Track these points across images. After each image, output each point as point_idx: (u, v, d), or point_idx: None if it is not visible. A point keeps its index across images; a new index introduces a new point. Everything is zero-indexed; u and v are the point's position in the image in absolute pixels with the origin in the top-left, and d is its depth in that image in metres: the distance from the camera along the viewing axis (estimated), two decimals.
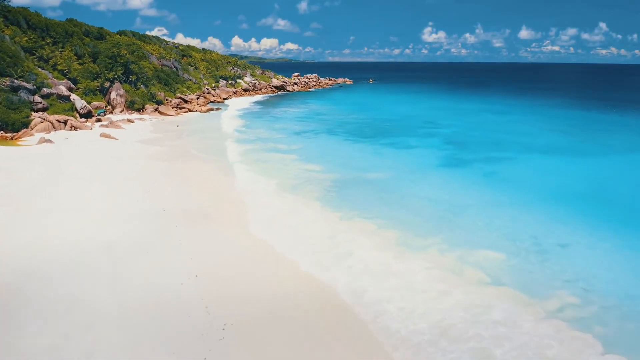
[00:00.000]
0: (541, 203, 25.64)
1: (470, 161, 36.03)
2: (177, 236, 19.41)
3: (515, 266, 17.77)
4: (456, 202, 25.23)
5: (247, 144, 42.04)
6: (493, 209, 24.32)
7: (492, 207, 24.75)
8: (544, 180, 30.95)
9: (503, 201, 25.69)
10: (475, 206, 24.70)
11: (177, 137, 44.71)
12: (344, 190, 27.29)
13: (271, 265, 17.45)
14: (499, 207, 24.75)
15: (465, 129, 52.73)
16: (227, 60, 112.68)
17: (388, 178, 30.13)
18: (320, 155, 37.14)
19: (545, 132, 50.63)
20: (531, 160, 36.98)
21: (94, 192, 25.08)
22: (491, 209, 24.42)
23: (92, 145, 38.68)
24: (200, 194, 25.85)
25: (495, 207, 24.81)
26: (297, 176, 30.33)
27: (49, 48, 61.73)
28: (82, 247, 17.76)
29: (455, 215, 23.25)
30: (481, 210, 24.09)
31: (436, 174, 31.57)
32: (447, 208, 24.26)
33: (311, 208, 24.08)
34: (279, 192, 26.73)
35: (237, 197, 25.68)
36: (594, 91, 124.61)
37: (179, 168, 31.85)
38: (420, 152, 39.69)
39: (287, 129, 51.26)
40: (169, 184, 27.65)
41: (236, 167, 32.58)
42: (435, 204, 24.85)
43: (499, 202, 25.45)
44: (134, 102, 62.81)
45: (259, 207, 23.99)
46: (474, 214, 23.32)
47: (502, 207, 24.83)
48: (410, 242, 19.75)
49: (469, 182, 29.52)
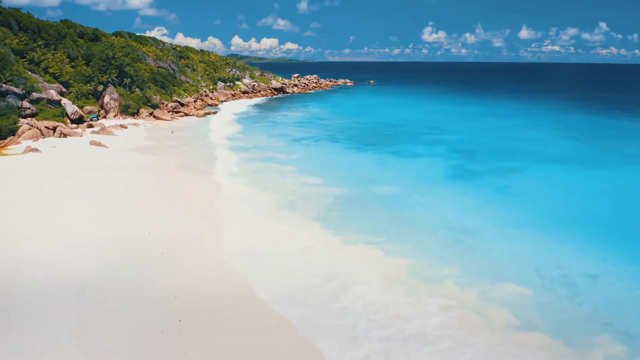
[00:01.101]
0: (561, 223, 23.58)
1: (481, 173, 33.95)
2: (161, 267, 17.33)
3: (545, 305, 15.69)
4: (470, 222, 23.15)
5: (243, 152, 39.96)
6: (511, 231, 22.25)
7: (509, 228, 22.68)
8: (560, 195, 28.88)
9: (520, 221, 23.59)
10: (490, 227, 22.62)
11: (171, 145, 42.62)
12: (347, 208, 25.20)
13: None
14: (517, 228, 22.68)
15: (472, 135, 50.66)
16: (225, 62, 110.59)
17: (395, 193, 28.04)
18: (321, 166, 35.07)
19: (556, 139, 48.57)
20: (544, 171, 34.90)
21: (74, 211, 22.97)
22: (509, 230, 22.34)
23: (80, 155, 36.59)
24: (190, 214, 23.76)
25: (513, 228, 22.74)
26: (295, 191, 28.25)
27: (40, 50, 59.66)
28: (52, 288, 15.62)
29: (471, 238, 21.17)
30: (498, 232, 22.01)
31: (445, 188, 29.50)
32: (461, 229, 22.19)
33: (310, 229, 21.96)
34: (275, 210, 24.63)
35: (229, 217, 23.51)
36: (598, 93, 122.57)
37: (170, 182, 29.76)
38: (427, 161, 37.61)
39: (286, 135, 49.18)
40: (158, 202, 25.56)
41: (230, 180, 30.48)
42: (447, 224, 22.77)
43: (516, 223, 23.36)
44: (128, 106, 60.72)
45: (251, 229, 21.85)
46: (491, 237, 21.24)
47: (519, 228, 22.75)
48: (423, 273, 17.66)
49: (482, 198, 27.43)
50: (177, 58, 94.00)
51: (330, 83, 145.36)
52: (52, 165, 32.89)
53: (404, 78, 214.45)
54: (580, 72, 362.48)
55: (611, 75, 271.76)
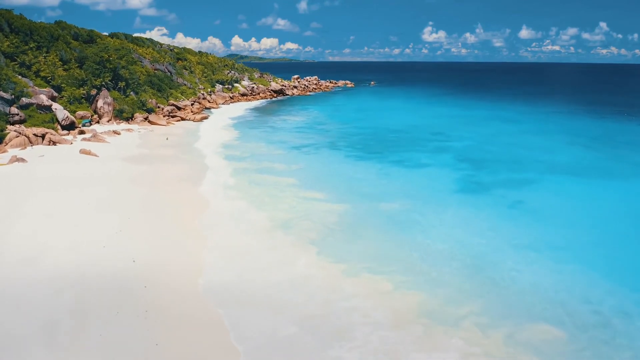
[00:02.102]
0: (583, 247, 21.68)
1: (491, 186, 32.04)
2: (143, 307, 15.42)
3: (581, 351, 13.78)
4: (486, 247, 21.21)
5: (239, 161, 38.01)
6: (531, 257, 20.32)
7: (529, 253, 20.75)
8: (578, 213, 26.94)
9: (539, 245, 21.63)
10: (509, 252, 20.68)
11: (165, 154, 40.69)
12: (350, 229, 23.24)
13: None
14: (537, 253, 20.76)
15: (478, 142, 48.75)
16: (224, 64, 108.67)
17: (402, 210, 26.08)
18: (321, 178, 33.15)
19: (565, 147, 46.65)
20: (557, 184, 32.99)
21: (53, 235, 21.05)
22: (528, 256, 20.41)
23: (67, 165, 34.66)
24: (177, 235, 21.84)
25: (532, 252, 20.81)
26: (293, 207, 26.29)
27: (32, 53, 57.70)
28: (14, 330, 13.71)
29: (489, 267, 19.21)
30: (518, 259, 20.05)
31: (456, 204, 27.56)
32: (477, 255, 20.24)
33: (306, 255, 19.94)
34: (268, 231, 22.67)
35: (215, 239, 21.56)
36: (602, 95, 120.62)
37: (160, 196, 27.83)
38: (433, 172, 35.68)
39: (285, 142, 47.26)
40: (146, 220, 23.64)
41: (222, 195, 28.51)
42: (462, 249, 20.82)
43: (535, 247, 21.41)
44: (122, 111, 58.79)
45: (238, 254, 19.90)
46: (511, 265, 19.30)
47: (539, 252, 20.83)
48: (439, 311, 15.72)
49: (495, 217, 25.48)
50: (175, 60, 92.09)
51: (330, 84, 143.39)
52: (36, 177, 30.98)
53: (405, 79, 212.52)
54: (582, 72, 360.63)
55: (613, 76, 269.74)
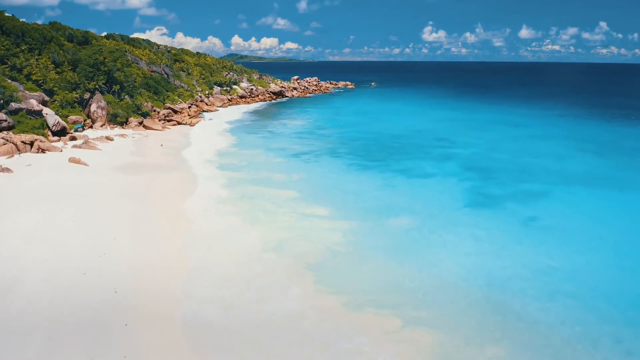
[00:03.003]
0: (609, 275, 19.88)
1: (500, 199, 30.33)
2: (120, 351, 13.71)
3: None
4: (502, 271, 19.48)
5: (234, 171, 36.23)
6: (552, 286, 18.55)
7: (549, 279, 19.01)
8: (596, 231, 25.12)
9: (560, 272, 19.76)
10: (528, 279, 18.91)
11: (157, 162, 38.96)
12: (352, 251, 21.50)
13: None
14: (558, 280, 19.02)
15: (484, 148, 47.04)
16: (222, 65, 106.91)
17: (408, 229, 24.35)
18: (322, 190, 31.41)
19: (575, 154, 44.94)
20: (571, 196, 31.29)
21: (31, 259, 19.35)
22: (549, 284, 18.65)
23: (55, 176, 32.92)
24: (163, 260, 20.13)
25: (553, 279, 19.08)
26: (290, 225, 24.53)
27: (23, 56, 56.01)
28: None
29: (511, 298, 17.38)
30: (538, 287, 18.24)
31: (465, 221, 25.80)
32: (493, 282, 18.49)
33: (302, 283, 18.16)
34: (261, 253, 20.90)
35: (198, 262, 19.86)
36: (606, 97, 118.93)
37: (150, 212, 26.07)
38: (439, 183, 33.96)
39: (284, 149, 45.52)
40: (133, 241, 21.91)
41: (215, 209, 26.76)
42: (476, 276, 19.05)
43: (555, 274, 19.60)
44: (116, 115, 57.07)
45: (223, 282, 18.15)
46: (533, 295, 17.50)
47: (560, 280, 19.05)
48: (457, 356, 13.99)
49: (509, 236, 23.71)
50: (172, 61, 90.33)
51: (330, 86, 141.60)
52: (20, 190, 29.27)
53: (406, 80, 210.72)
54: (583, 72, 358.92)
55: (615, 77, 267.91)
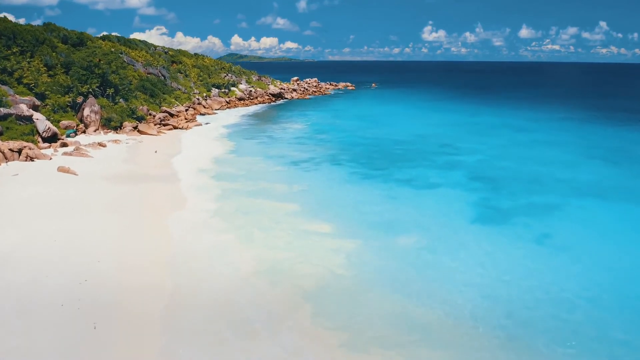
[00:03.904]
0: (635, 304, 18.32)
1: (511, 213, 28.69)
2: None
3: None
4: (522, 300, 17.76)
5: (230, 181, 34.50)
6: (576, 316, 16.93)
7: (572, 309, 17.37)
8: (614, 249, 23.50)
9: (582, 300, 18.13)
10: (548, 309, 17.24)
11: (150, 171, 37.25)
12: (356, 275, 19.80)
13: None
14: (579, 308, 17.42)
15: (490, 155, 45.39)
16: (221, 66, 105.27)
17: (416, 248, 22.66)
18: (323, 203, 29.69)
19: (585, 161, 43.32)
20: (585, 210, 29.63)
21: (4, 289, 17.70)
22: (574, 314, 17.01)
23: (40, 188, 31.24)
24: (149, 286, 18.49)
25: (575, 310, 17.46)
26: (286, 244, 22.71)
27: (14, 58, 54.36)
28: None
29: (529, 335, 15.70)
30: (561, 326, 16.57)
31: (474, 239, 24.11)
32: (513, 312, 16.78)
33: (298, 317, 16.38)
34: (249, 280, 19.10)
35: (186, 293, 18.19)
36: (610, 99, 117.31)
37: (137, 229, 24.31)
38: (445, 195, 32.31)
39: (283, 156, 43.84)
40: (119, 264, 20.23)
41: (206, 225, 24.97)
42: (493, 305, 17.29)
43: (578, 303, 17.93)
44: (110, 120, 55.41)
45: (212, 318, 16.49)
46: (553, 334, 15.88)
47: (583, 311, 17.45)
48: None
49: (523, 256, 22.03)
50: (169, 63, 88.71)
51: (330, 87, 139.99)
52: (2, 204, 27.62)
53: (406, 80, 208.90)
54: (583, 72, 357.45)
55: (616, 77, 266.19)
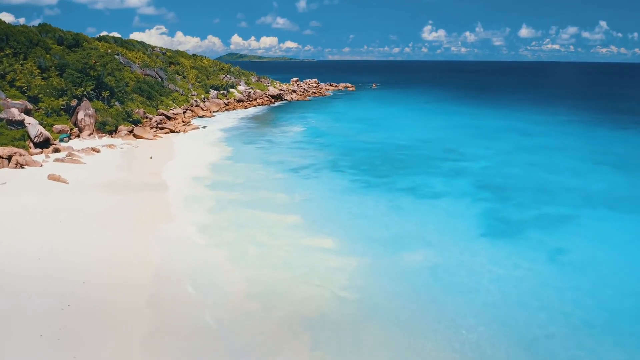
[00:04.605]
0: None
1: (521, 226, 27.32)
2: None
3: None
4: (541, 327, 16.34)
5: (226, 190, 33.01)
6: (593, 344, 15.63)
7: (588, 333, 16.06)
8: (629, 266, 22.21)
9: (598, 326, 16.88)
10: (569, 338, 15.92)
11: (144, 179, 35.85)
12: (359, 300, 18.48)
13: None
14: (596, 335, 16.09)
15: (496, 161, 44.03)
16: (219, 67, 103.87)
17: (423, 267, 21.23)
18: (325, 215, 28.26)
19: (594, 168, 41.98)
20: (598, 222, 28.28)
21: None
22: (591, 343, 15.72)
23: (28, 197, 29.86)
24: (130, 315, 17.12)
25: (591, 336, 16.13)
26: (284, 262, 21.29)
27: (7, 61, 53.02)
28: None
29: None
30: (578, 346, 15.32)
31: (484, 255, 22.69)
32: (533, 342, 15.41)
33: (292, 350, 14.96)
34: (240, 305, 17.67)
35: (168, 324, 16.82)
36: (612, 100, 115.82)
37: (124, 245, 22.89)
38: (451, 205, 30.92)
39: (283, 162, 42.46)
40: (104, 285, 18.85)
41: (195, 241, 23.47)
42: (509, 332, 15.85)
43: (594, 328, 16.69)
44: (105, 123, 54.03)
45: (196, 352, 14.99)
46: None
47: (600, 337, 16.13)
48: None
49: (536, 275, 20.61)
50: (167, 64, 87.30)
51: (330, 88, 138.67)
52: None
53: (407, 80, 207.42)
54: (584, 72, 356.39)
55: (617, 77, 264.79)
